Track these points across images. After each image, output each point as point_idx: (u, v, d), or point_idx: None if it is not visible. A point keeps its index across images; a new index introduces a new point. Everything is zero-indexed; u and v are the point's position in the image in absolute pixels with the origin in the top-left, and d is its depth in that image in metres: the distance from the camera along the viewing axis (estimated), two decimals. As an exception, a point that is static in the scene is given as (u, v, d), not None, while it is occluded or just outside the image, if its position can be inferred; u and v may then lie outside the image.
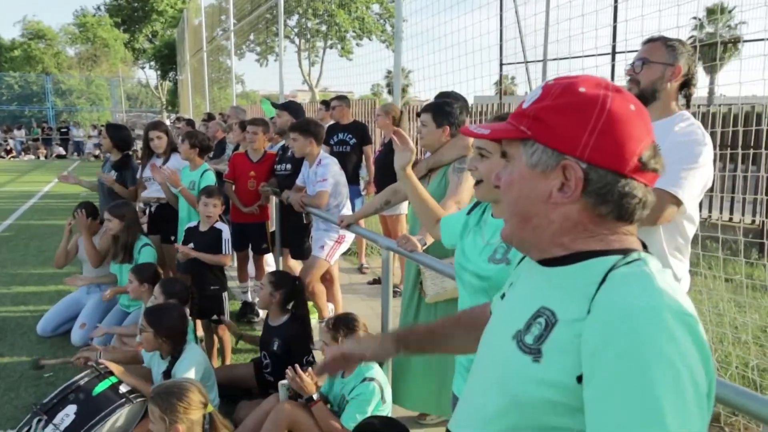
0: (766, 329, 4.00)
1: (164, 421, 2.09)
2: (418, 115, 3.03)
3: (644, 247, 0.93)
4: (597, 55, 5.09)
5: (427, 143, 3.00)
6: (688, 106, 2.30)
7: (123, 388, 2.73)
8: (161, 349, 2.92)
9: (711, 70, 15.88)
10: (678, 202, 1.99)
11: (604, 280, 0.84)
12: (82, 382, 2.66)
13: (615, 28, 5.24)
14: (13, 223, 9.24)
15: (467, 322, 1.37)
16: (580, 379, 0.80)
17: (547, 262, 0.95)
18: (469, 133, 1.01)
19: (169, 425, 2.10)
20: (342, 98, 6.23)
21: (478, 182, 1.72)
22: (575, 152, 0.87)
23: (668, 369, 0.73)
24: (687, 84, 2.30)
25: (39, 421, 2.50)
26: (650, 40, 2.31)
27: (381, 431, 2.23)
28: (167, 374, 2.86)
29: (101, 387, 2.67)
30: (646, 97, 2.23)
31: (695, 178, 2.02)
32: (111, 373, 2.77)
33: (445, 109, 2.90)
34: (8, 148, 24.85)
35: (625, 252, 0.88)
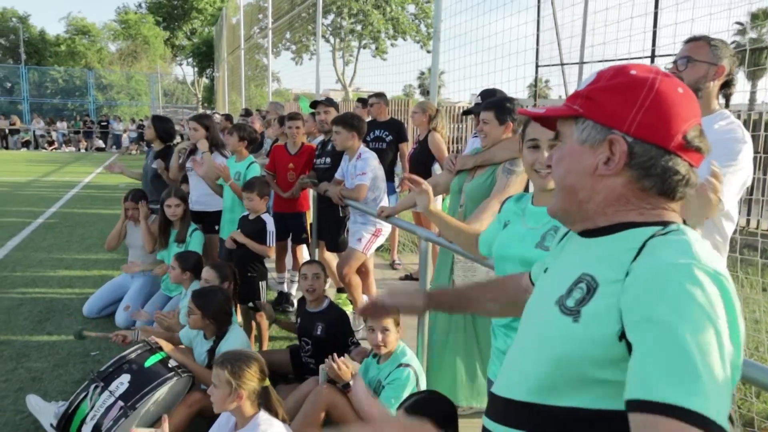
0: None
1: (230, 385, 2.20)
2: (465, 113, 3.06)
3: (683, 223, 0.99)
4: (634, 58, 5.08)
5: (490, 142, 2.99)
6: (727, 105, 2.33)
7: (172, 363, 2.86)
8: (206, 329, 3.05)
9: (753, 76, 15.55)
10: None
11: (642, 247, 0.91)
12: (134, 355, 2.81)
13: (655, 33, 5.22)
14: (57, 211, 9.58)
15: (500, 287, 1.48)
16: (618, 335, 0.87)
17: (588, 233, 1.03)
18: (526, 113, 1.10)
19: (234, 389, 2.20)
20: (380, 95, 6.32)
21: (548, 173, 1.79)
22: (622, 127, 0.95)
23: (699, 318, 0.78)
24: (728, 84, 2.32)
25: (96, 387, 2.65)
26: (694, 39, 2.33)
27: (429, 405, 2.29)
28: (211, 353, 2.99)
29: (152, 360, 2.81)
30: None
31: (734, 176, 2.04)
32: (161, 349, 2.90)
33: (506, 105, 2.93)
34: (51, 140, 25.66)
35: (664, 224, 0.95)
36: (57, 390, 3.44)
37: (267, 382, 2.33)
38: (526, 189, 2.97)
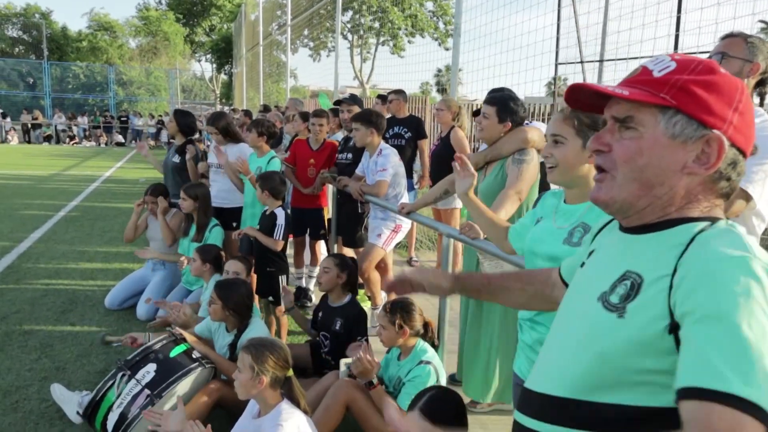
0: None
1: (253, 370, 2.22)
2: (475, 114, 3.06)
3: None
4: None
5: (486, 136, 3.03)
6: (761, 104, 2.28)
7: (195, 354, 2.89)
8: (227, 321, 3.07)
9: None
10: (747, 197, 1.99)
11: (691, 242, 0.90)
12: (159, 345, 2.84)
13: (677, 37, 5.16)
14: (79, 204, 9.71)
15: (529, 278, 1.45)
16: (668, 329, 0.85)
17: (634, 229, 1.00)
18: (604, 91, 0.98)
19: (256, 374, 2.22)
20: (399, 92, 6.30)
21: (551, 167, 1.76)
22: (721, 127, 0.92)
23: (756, 310, 0.76)
24: (763, 82, 2.28)
25: (123, 375, 2.69)
26: (730, 35, 2.29)
27: (442, 402, 2.30)
28: (233, 346, 3.01)
29: (177, 350, 2.84)
30: None
31: (765, 174, 2.01)
32: (185, 340, 2.93)
33: (510, 105, 2.93)
34: (72, 134, 26.01)
35: (713, 220, 0.94)
36: (80, 380, 3.49)
37: (290, 372, 2.34)
38: (543, 178, 2.98)
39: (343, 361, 2.80)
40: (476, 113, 3.03)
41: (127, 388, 2.66)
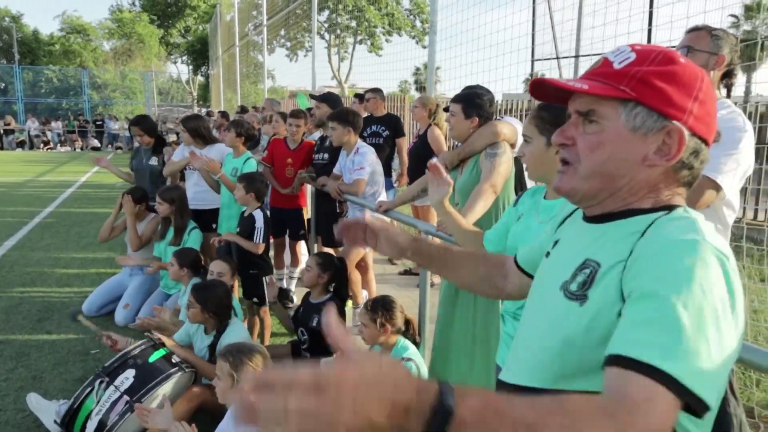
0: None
1: (232, 377, 2.20)
2: (445, 110, 3.08)
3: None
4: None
5: (456, 134, 3.05)
6: (728, 95, 2.32)
7: (175, 359, 2.87)
8: (206, 323, 3.05)
9: (748, 69, 15.56)
10: (717, 188, 2.02)
11: (648, 228, 0.92)
12: (138, 351, 2.82)
13: (650, 31, 5.24)
14: (54, 210, 9.55)
15: (482, 259, 1.43)
16: (618, 313, 0.87)
17: (596, 218, 1.02)
18: (563, 86, 0.98)
19: (235, 381, 2.21)
20: (376, 90, 6.31)
21: (527, 166, 1.80)
22: (681, 118, 0.93)
23: (696, 291, 0.78)
24: (729, 74, 2.32)
25: (101, 382, 2.66)
26: (695, 29, 2.32)
27: None
28: (212, 348, 2.99)
29: (156, 355, 2.82)
30: None
31: (735, 164, 2.04)
32: (164, 345, 2.90)
33: (475, 100, 2.95)
34: (46, 139, 25.56)
35: (670, 208, 0.96)
36: (58, 388, 3.43)
37: None
38: (519, 173, 3.00)
39: (323, 361, 2.79)
40: (446, 110, 3.06)
41: (106, 394, 2.63)
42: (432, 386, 0.66)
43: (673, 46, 2.43)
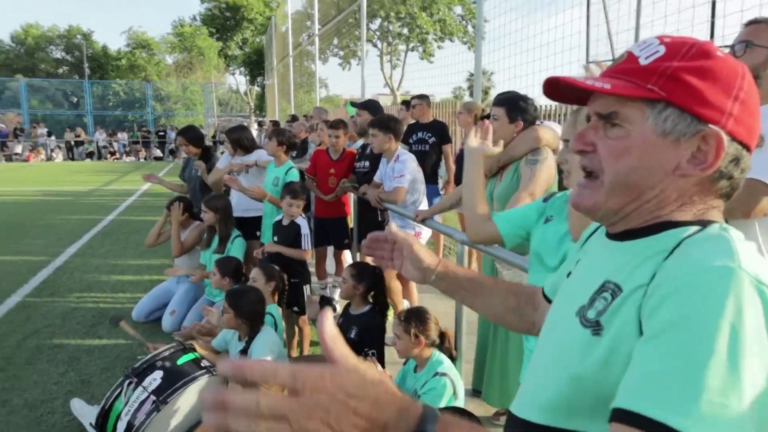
0: None
1: None
2: (485, 118, 2.97)
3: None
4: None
5: (498, 138, 2.94)
6: (790, 93, 2.13)
7: (204, 363, 2.90)
8: (240, 329, 3.06)
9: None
10: (776, 195, 1.85)
11: (676, 247, 0.79)
12: (167, 353, 2.87)
13: (713, 24, 4.93)
14: (115, 219, 9.95)
15: (514, 289, 1.31)
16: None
17: (620, 235, 0.90)
18: (581, 85, 0.86)
19: None
20: (422, 97, 6.25)
21: (567, 174, 1.68)
22: (719, 121, 0.80)
23: (726, 334, 0.66)
24: (791, 72, 2.13)
25: (130, 383, 2.71)
26: (755, 22, 2.15)
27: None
28: (243, 353, 3.00)
29: (185, 358, 2.87)
30: None
31: None
32: (194, 350, 2.94)
33: (520, 103, 2.84)
34: (112, 150, 26.83)
35: (706, 224, 0.83)
36: (103, 393, 3.48)
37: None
38: (560, 179, 2.86)
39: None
40: (486, 117, 2.94)
41: (134, 395, 2.69)
42: (416, 410, 0.63)
43: (726, 46, 2.26)
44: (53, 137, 27.15)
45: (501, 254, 2.52)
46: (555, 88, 0.94)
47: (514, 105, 2.84)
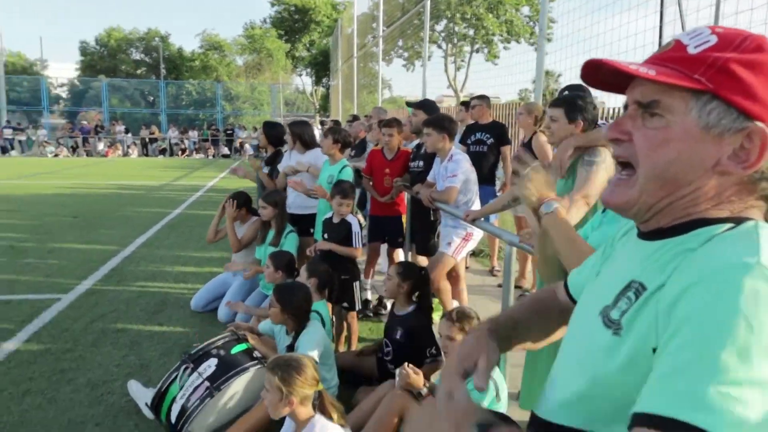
0: None
1: (281, 391, 2.22)
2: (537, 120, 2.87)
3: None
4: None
5: (557, 140, 2.86)
6: None
7: (256, 354, 2.98)
8: (286, 324, 3.12)
9: None
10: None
11: (706, 242, 0.76)
12: (221, 342, 2.98)
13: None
14: (182, 212, 10.37)
15: (540, 308, 1.23)
16: (654, 348, 0.73)
17: (652, 234, 0.86)
18: (624, 69, 0.81)
19: (285, 396, 2.22)
20: (482, 98, 6.18)
21: None
22: (766, 118, 0.77)
23: (743, 331, 0.63)
24: None
25: (186, 368, 2.82)
26: None
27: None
28: (290, 348, 3.05)
29: (238, 348, 2.97)
30: None
31: None
32: (247, 340, 3.03)
33: (578, 103, 2.75)
34: (184, 147, 28.00)
35: (741, 221, 0.78)
36: (160, 377, 3.63)
37: (320, 387, 2.33)
38: None
39: (398, 371, 2.74)
40: (539, 119, 2.87)
41: (190, 380, 2.79)
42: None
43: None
44: (130, 134, 28.62)
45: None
46: (595, 72, 0.90)
47: (572, 105, 2.75)
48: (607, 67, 0.84)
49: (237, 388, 2.86)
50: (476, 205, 4.04)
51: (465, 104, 7.06)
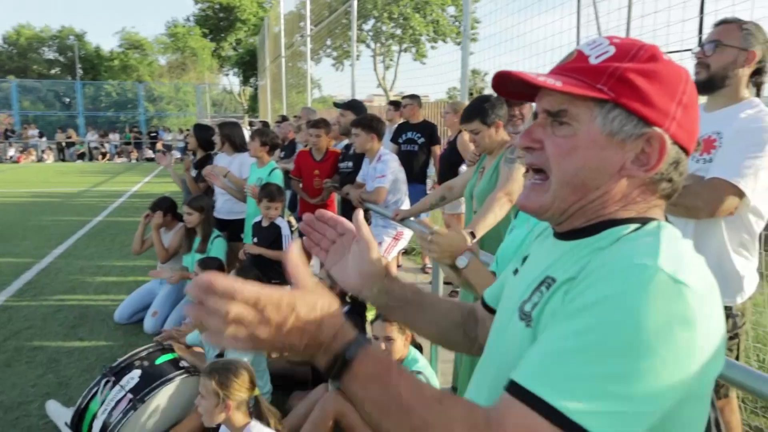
0: None
1: (218, 396, 2.16)
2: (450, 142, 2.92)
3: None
4: (682, 51, 4.78)
5: (487, 148, 2.93)
6: (758, 94, 2.14)
7: (183, 363, 2.89)
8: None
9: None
10: (740, 194, 1.85)
11: (614, 243, 0.81)
12: (145, 353, 2.87)
13: (701, 20, 4.92)
14: (103, 220, 9.90)
15: (453, 302, 1.25)
16: None
17: (567, 235, 0.90)
18: (532, 80, 0.83)
19: (221, 400, 2.16)
20: (413, 97, 6.24)
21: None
22: (663, 124, 0.82)
23: (622, 324, 0.68)
24: (759, 72, 2.14)
25: (107, 382, 2.70)
26: (724, 22, 2.15)
27: None
28: (220, 356, 2.97)
29: (163, 358, 2.87)
30: (716, 82, 2.09)
31: (761, 168, 1.86)
32: (173, 350, 2.93)
33: (485, 106, 2.83)
34: (104, 151, 26.72)
35: (646, 221, 0.84)
36: (81, 395, 3.48)
37: (257, 392, 2.29)
38: None
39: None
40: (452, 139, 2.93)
41: (111, 394, 2.69)
42: (348, 336, 0.75)
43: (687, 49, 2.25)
44: (44, 138, 27.02)
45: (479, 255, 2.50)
46: (505, 83, 0.93)
47: (483, 111, 2.82)
48: (516, 78, 0.87)
49: (162, 399, 2.76)
50: (406, 205, 4.08)
51: (393, 103, 7.12)
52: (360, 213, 1.14)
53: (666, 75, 0.82)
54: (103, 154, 26.53)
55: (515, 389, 0.71)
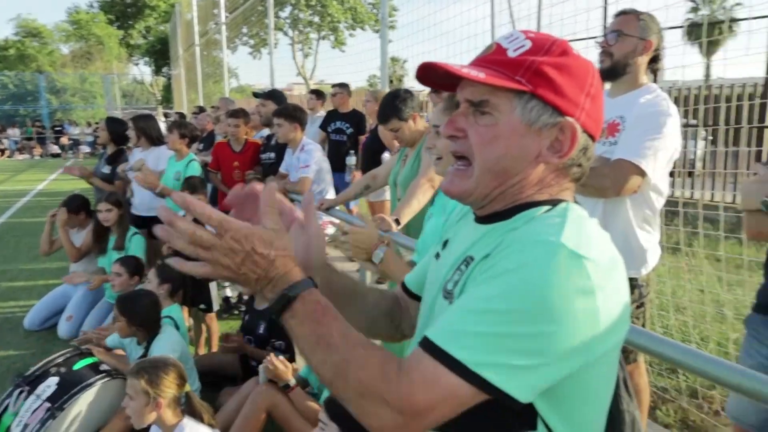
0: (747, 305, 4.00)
1: (147, 395, 2.09)
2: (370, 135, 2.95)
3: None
4: (587, 38, 5.04)
5: (409, 141, 2.98)
6: (655, 80, 2.30)
7: (104, 367, 2.78)
8: (136, 335, 2.93)
9: (708, 52, 15.86)
10: (641, 173, 1.99)
11: (527, 223, 0.88)
12: (62, 359, 2.75)
13: (605, 9, 5.21)
14: (6, 221, 9.23)
15: (381, 292, 1.27)
16: None
17: (487, 218, 0.96)
18: (455, 72, 0.87)
19: (152, 399, 2.10)
20: (343, 86, 6.19)
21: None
22: (575, 114, 0.89)
23: (523, 290, 0.76)
24: (655, 59, 2.30)
25: (21, 392, 2.56)
26: (623, 13, 2.29)
27: None
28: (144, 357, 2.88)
29: (81, 363, 2.74)
30: (618, 69, 2.23)
31: (659, 149, 2.01)
32: (91, 354, 2.81)
33: (397, 103, 2.89)
34: (2, 147, 24.80)
35: (556, 203, 0.91)
36: (-8, 408, 3.27)
37: (187, 388, 2.24)
38: None
39: (261, 367, 2.70)
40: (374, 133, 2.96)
41: (26, 404, 2.55)
42: (295, 277, 0.84)
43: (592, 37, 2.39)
44: (-67, 135, 24.76)
45: (401, 240, 2.56)
46: (429, 74, 0.97)
47: (397, 108, 2.88)
48: (440, 69, 0.90)
49: (83, 405, 2.65)
50: (330, 194, 4.08)
51: (316, 92, 7.05)
52: (311, 200, 1.10)
53: (576, 68, 0.89)
54: (2, 151, 24.63)
55: (425, 344, 0.79)
